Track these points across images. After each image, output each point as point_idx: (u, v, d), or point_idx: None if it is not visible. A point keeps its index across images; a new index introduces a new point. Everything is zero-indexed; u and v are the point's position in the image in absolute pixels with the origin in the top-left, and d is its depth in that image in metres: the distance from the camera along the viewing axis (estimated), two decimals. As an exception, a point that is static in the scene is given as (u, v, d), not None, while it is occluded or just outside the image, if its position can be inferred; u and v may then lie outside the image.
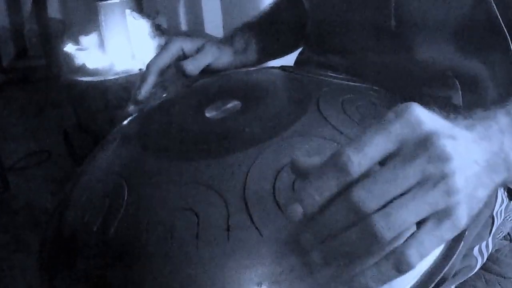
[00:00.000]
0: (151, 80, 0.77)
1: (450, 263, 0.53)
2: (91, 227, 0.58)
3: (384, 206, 0.41)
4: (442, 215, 0.42)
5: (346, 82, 0.69)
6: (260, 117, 0.61)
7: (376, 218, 0.41)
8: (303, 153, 0.54)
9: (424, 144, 0.42)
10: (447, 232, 0.43)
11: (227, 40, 0.90)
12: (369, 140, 0.42)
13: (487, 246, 0.91)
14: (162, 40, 1.93)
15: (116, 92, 1.81)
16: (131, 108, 0.78)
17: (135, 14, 1.94)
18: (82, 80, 1.86)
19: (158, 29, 1.97)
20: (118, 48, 1.91)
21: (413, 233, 0.43)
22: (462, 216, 0.42)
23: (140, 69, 1.83)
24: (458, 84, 0.72)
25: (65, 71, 1.93)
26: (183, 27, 2.51)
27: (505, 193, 0.91)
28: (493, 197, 0.87)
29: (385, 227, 0.41)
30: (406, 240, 0.43)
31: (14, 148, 2.15)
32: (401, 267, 0.43)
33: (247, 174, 0.53)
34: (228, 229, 0.50)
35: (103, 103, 1.84)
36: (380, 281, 0.44)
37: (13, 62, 2.75)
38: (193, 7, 2.40)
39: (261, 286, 0.48)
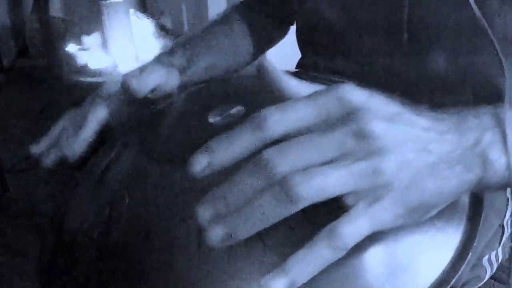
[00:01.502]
0: (83, 140, 0.76)
1: (459, 273, 0.52)
2: (91, 234, 0.58)
3: None
4: (372, 197, 0.41)
5: None
6: None
7: (293, 177, 0.40)
8: None
9: (348, 118, 0.41)
10: (380, 214, 0.42)
11: (165, 57, 0.87)
12: (291, 104, 0.42)
13: (496, 256, 0.90)
14: (166, 41, 1.93)
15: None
16: (49, 161, 0.75)
17: (139, 14, 1.93)
18: (84, 81, 1.85)
19: (163, 29, 1.97)
20: (121, 49, 1.90)
21: (345, 213, 0.42)
22: (395, 202, 0.41)
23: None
24: (471, 92, 0.72)
25: (66, 72, 1.93)
26: (187, 27, 2.51)
27: (515, 201, 0.90)
28: (503, 205, 0.86)
29: (303, 187, 0.40)
30: (338, 219, 0.42)
31: (13, 149, 2.14)
32: (336, 244, 0.42)
33: None
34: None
35: (105, 104, 1.83)
36: (316, 264, 0.42)
37: (14, 62, 2.74)
38: (198, 7, 2.40)
39: None
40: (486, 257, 0.88)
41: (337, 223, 0.42)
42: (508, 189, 0.88)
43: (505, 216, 0.88)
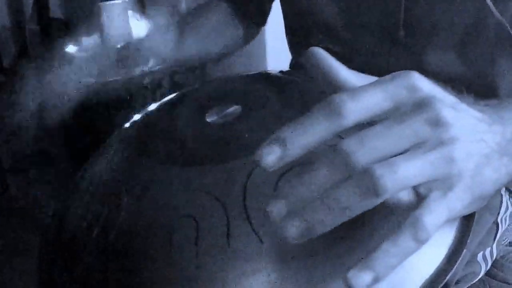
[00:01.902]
0: None
1: (454, 269, 0.52)
2: (90, 233, 0.58)
3: None
4: (445, 186, 0.41)
5: None
6: (261, 122, 0.61)
7: (377, 167, 0.39)
8: (304, 158, 0.54)
9: (421, 107, 0.41)
10: (454, 203, 0.42)
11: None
12: (365, 91, 0.40)
13: (491, 252, 0.91)
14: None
15: (117, 94, 1.81)
16: None
17: (138, 15, 1.93)
18: (83, 81, 1.85)
19: (161, 30, 1.97)
20: (120, 49, 1.91)
21: (420, 204, 0.41)
22: (465, 191, 0.42)
23: (142, 70, 1.83)
24: (465, 91, 0.72)
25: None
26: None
27: (510, 199, 0.91)
28: (497, 202, 0.87)
29: (389, 177, 0.39)
30: (416, 209, 0.41)
31: (14, 149, 2.15)
32: (419, 236, 0.40)
33: (247, 180, 0.53)
34: (228, 236, 0.50)
35: (104, 104, 1.83)
36: (400, 256, 0.41)
37: (13, 62, 2.74)
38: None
39: None
40: (481, 253, 0.88)
41: (420, 214, 0.41)
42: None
43: (499, 213, 0.88)
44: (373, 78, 0.44)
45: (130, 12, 1.91)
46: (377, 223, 0.50)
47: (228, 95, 0.71)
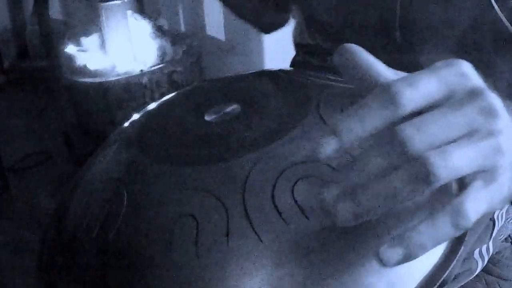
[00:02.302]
0: None
1: (451, 266, 0.52)
2: (90, 233, 0.58)
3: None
4: (489, 176, 0.40)
5: (346, 85, 0.69)
6: (260, 121, 0.61)
7: (431, 155, 0.38)
8: (303, 157, 0.54)
9: (474, 95, 0.40)
10: (495, 195, 0.41)
11: None
12: (421, 78, 0.40)
13: (487, 249, 0.91)
14: (163, 41, 1.94)
15: (117, 93, 1.81)
16: None
17: (137, 16, 1.94)
18: (83, 81, 1.86)
19: (160, 30, 1.98)
20: (119, 49, 1.91)
21: (462, 191, 0.41)
22: (506, 183, 0.41)
23: (141, 70, 1.83)
24: None
25: (66, 72, 1.93)
26: (184, 28, 2.51)
27: (506, 196, 0.91)
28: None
29: (441, 166, 0.38)
30: (459, 196, 0.40)
31: (14, 148, 2.15)
32: (459, 222, 0.39)
33: (246, 179, 0.53)
34: (227, 235, 0.50)
35: (104, 104, 1.84)
36: (436, 239, 0.40)
37: (14, 63, 2.74)
38: (194, 9, 2.40)
39: None
40: (477, 250, 0.89)
41: (462, 201, 0.40)
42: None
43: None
44: (405, 75, 0.43)
45: (129, 13, 1.91)
46: (376, 222, 0.51)
47: (227, 94, 0.72)
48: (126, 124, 0.74)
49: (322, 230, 0.50)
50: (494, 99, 0.41)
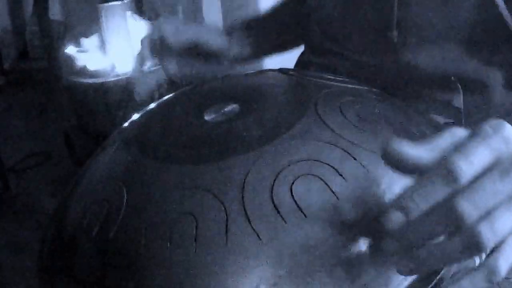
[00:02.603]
0: (143, 54, 0.87)
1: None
2: (90, 231, 0.58)
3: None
4: None
5: (345, 85, 0.69)
6: (259, 120, 0.61)
7: (482, 227, 0.41)
8: (302, 156, 0.55)
9: None
10: None
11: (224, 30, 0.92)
12: (474, 150, 0.43)
13: (486, 247, 0.91)
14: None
15: (117, 94, 1.82)
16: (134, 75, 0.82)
17: (136, 16, 1.94)
18: (83, 82, 1.86)
19: (159, 31, 1.97)
20: (119, 50, 1.91)
21: (497, 247, 0.44)
22: None
23: (141, 71, 1.83)
24: (460, 87, 0.73)
25: (66, 73, 1.93)
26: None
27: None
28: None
29: (490, 236, 0.41)
30: (493, 253, 0.44)
31: (14, 149, 2.15)
32: (493, 278, 0.44)
33: (245, 178, 0.53)
34: (226, 233, 0.51)
35: (104, 104, 1.84)
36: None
37: (14, 64, 2.74)
38: (193, 10, 2.40)
39: None
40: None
41: (496, 259, 0.44)
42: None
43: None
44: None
45: (128, 13, 1.91)
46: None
47: (226, 93, 0.72)
48: (126, 124, 0.74)
49: (320, 228, 0.50)
50: None
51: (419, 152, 0.45)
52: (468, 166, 0.43)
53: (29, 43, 2.67)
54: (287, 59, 1.07)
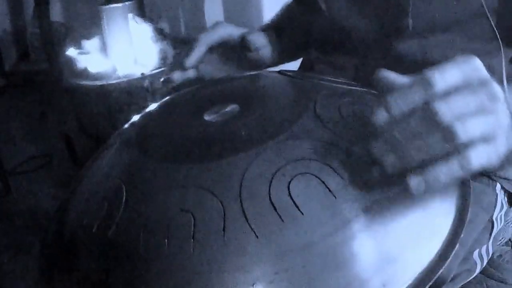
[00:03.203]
0: (200, 51, 0.82)
1: (446, 263, 0.53)
2: (90, 229, 0.58)
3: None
4: (487, 140, 0.52)
5: (344, 86, 0.70)
6: (258, 121, 0.61)
7: (455, 124, 0.50)
8: (300, 155, 0.55)
9: (484, 84, 0.53)
10: (489, 154, 0.52)
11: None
12: (449, 70, 0.52)
13: (487, 250, 0.91)
14: (164, 44, 1.94)
15: (118, 97, 1.81)
16: (177, 74, 0.81)
17: (138, 18, 1.94)
18: (84, 84, 1.86)
19: (160, 34, 1.98)
20: (120, 52, 1.91)
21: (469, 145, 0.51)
22: (503, 141, 0.53)
23: (142, 74, 1.83)
24: None
25: (67, 75, 1.93)
26: (185, 31, 2.52)
27: (505, 198, 0.91)
28: (492, 201, 0.88)
29: (462, 132, 0.50)
30: (467, 148, 0.51)
31: (15, 151, 2.15)
32: (466, 166, 0.51)
33: (243, 176, 0.53)
34: (223, 230, 0.51)
35: (105, 107, 1.84)
36: (448, 175, 0.51)
37: (15, 66, 2.75)
38: (195, 12, 2.41)
39: (255, 286, 0.49)
40: (477, 251, 0.88)
41: (468, 152, 0.51)
42: (498, 185, 0.89)
43: (494, 211, 0.88)
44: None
45: (130, 16, 1.91)
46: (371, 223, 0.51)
47: (226, 94, 0.73)
48: (127, 125, 0.74)
49: (318, 226, 0.51)
50: (497, 88, 0.53)
51: (404, 79, 0.54)
52: (442, 78, 0.52)
53: (30, 44, 2.68)
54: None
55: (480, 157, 0.51)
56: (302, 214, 0.51)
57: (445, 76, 0.52)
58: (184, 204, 0.53)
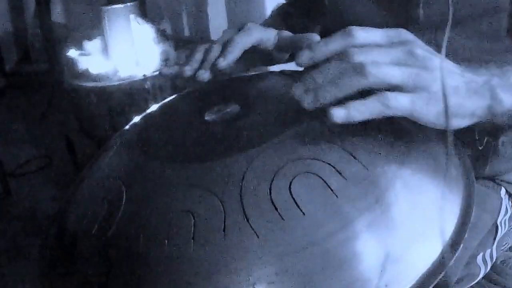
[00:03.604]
0: (235, 54, 0.79)
1: (449, 265, 0.52)
2: (90, 230, 0.58)
3: None
4: (408, 90, 0.56)
5: None
6: (258, 121, 0.62)
7: (368, 62, 0.55)
8: (301, 155, 0.55)
9: (404, 43, 0.58)
10: (411, 102, 0.56)
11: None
12: (370, 28, 0.58)
13: (491, 255, 0.90)
14: (166, 46, 1.93)
15: (119, 98, 1.81)
16: (206, 74, 0.80)
17: (139, 19, 1.94)
18: (85, 86, 1.85)
19: (163, 35, 1.97)
20: (121, 54, 1.91)
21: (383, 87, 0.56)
22: (430, 99, 0.57)
23: (144, 75, 1.83)
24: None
25: (68, 76, 1.93)
26: (187, 32, 2.52)
27: (510, 202, 0.91)
28: (496, 205, 0.87)
29: (373, 68, 0.55)
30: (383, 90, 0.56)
31: (15, 153, 2.15)
32: (385, 104, 0.55)
33: (243, 176, 0.53)
34: (224, 230, 0.50)
35: (106, 108, 1.84)
36: (363, 112, 0.55)
37: (15, 67, 2.75)
38: (197, 13, 2.41)
39: (255, 286, 0.49)
40: (480, 255, 0.88)
41: (388, 94, 0.55)
42: (502, 189, 0.89)
43: (498, 215, 0.88)
44: None
45: (132, 17, 1.91)
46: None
47: (228, 94, 0.73)
48: (127, 126, 0.74)
49: (319, 225, 0.50)
50: (417, 48, 0.58)
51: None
52: (362, 31, 0.58)
53: (31, 45, 2.68)
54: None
55: (397, 101, 0.55)
56: (304, 214, 0.51)
57: (365, 30, 0.58)
58: (184, 204, 0.53)
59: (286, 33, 0.83)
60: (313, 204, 0.51)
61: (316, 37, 0.79)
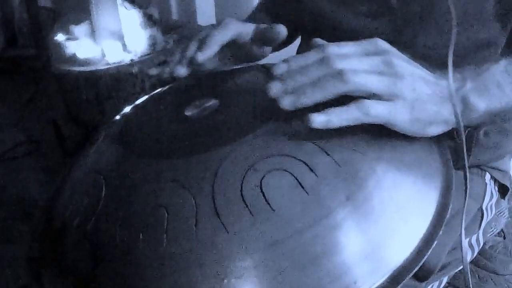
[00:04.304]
0: (212, 48, 0.81)
1: (431, 249, 0.53)
2: (72, 222, 0.60)
3: None
4: (386, 98, 0.59)
5: None
6: (235, 116, 0.63)
7: (348, 70, 0.57)
8: (274, 151, 0.56)
9: (381, 53, 0.60)
10: (389, 110, 0.58)
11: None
12: (345, 43, 0.61)
13: (477, 240, 0.91)
14: (153, 31, 1.93)
15: (106, 83, 1.81)
16: (183, 70, 0.80)
17: (127, 4, 1.93)
18: (72, 70, 1.84)
19: (150, 20, 1.97)
20: (109, 38, 1.90)
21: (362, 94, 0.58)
22: (404, 107, 0.59)
23: (131, 60, 1.83)
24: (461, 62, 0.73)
25: (55, 61, 1.92)
26: (175, 17, 2.51)
27: (496, 187, 0.91)
28: (481, 190, 0.88)
29: (353, 75, 0.57)
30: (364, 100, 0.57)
31: (2, 138, 2.14)
32: (363, 110, 0.57)
33: (216, 172, 0.54)
34: (195, 225, 0.52)
35: (94, 93, 1.83)
36: (343, 119, 0.56)
37: (2, 51, 2.73)
38: (186, 1, 2.40)
39: (225, 281, 0.50)
40: (467, 240, 0.89)
41: (367, 102, 0.57)
42: (487, 175, 0.90)
43: (483, 200, 0.89)
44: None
45: (119, 1, 1.90)
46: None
47: (208, 89, 0.74)
48: (113, 119, 0.75)
49: (289, 222, 0.51)
50: (394, 58, 0.60)
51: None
52: (336, 48, 0.59)
53: (18, 30, 2.66)
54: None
55: (375, 109, 0.57)
56: (273, 210, 0.51)
57: (339, 46, 0.60)
58: (159, 199, 0.55)
59: (262, 26, 0.84)
60: (283, 200, 0.52)
61: (282, 28, 0.80)
